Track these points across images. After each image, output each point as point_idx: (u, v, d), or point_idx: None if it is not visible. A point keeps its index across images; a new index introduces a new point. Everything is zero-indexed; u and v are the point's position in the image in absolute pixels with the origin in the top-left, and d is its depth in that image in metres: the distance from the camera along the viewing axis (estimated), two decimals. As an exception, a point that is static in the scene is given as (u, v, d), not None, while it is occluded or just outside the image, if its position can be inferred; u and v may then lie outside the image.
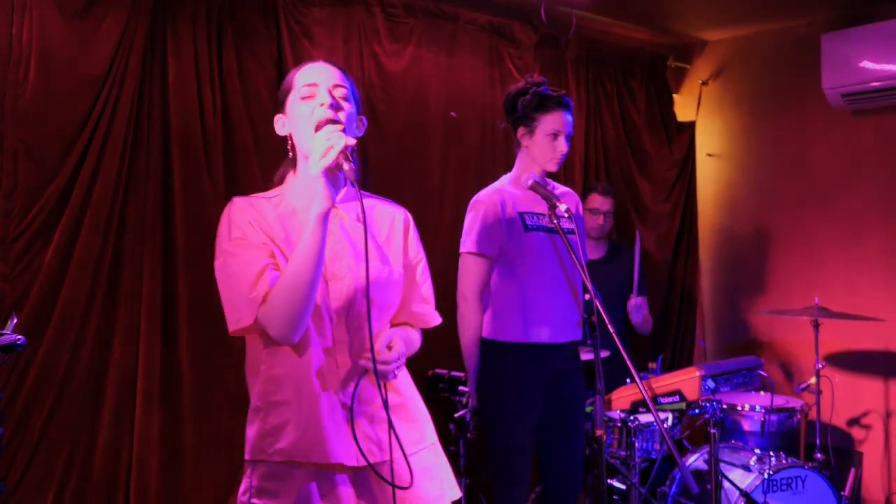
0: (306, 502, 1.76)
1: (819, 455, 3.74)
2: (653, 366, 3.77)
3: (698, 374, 3.27)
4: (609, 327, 2.43)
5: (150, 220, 3.24)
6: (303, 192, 1.85)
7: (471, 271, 2.93)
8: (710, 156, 5.13)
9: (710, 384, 3.29)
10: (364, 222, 1.80)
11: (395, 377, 1.84)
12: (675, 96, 5.19)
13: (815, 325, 3.84)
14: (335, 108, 1.80)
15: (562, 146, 2.94)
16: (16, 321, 2.07)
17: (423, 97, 4.03)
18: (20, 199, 2.96)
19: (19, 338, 2.04)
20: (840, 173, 4.53)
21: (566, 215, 2.84)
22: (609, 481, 3.60)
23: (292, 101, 1.86)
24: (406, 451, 1.83)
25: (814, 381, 3.81)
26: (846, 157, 4.52)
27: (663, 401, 3.29)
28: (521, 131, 2.97)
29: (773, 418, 3.77)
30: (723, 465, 3.49)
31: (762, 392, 3.97)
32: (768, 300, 4.78)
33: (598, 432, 2.58)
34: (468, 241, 2.94)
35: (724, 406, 3.66)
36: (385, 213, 1.97)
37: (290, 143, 1.90)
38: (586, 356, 3.19)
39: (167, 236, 3.27)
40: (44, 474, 3.01)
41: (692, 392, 3.25)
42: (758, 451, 3.63)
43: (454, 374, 3.71)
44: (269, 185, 1.99)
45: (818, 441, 3.78)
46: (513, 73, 4.28)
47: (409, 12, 3.97)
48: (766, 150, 4.87)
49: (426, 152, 4.06)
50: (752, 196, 4.94)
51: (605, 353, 3.40)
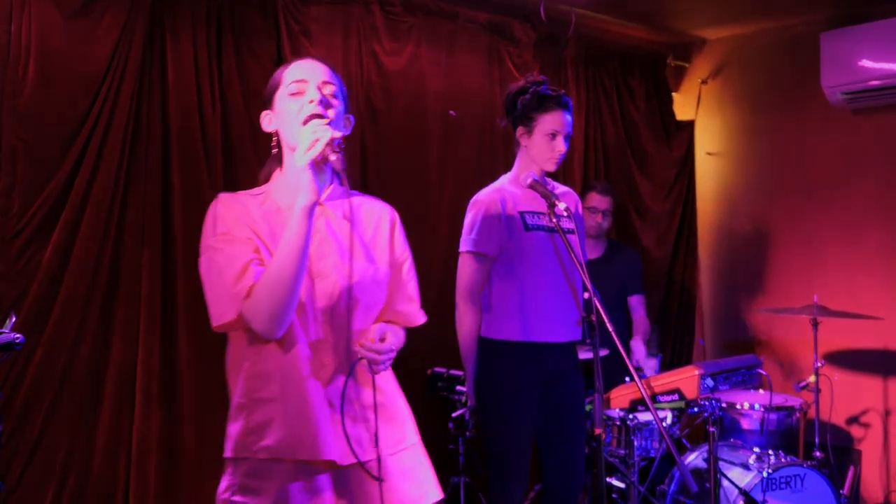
0: (287, 500, 1.76)
1: (818, 453, 3.73)
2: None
3: (697, 372, 3.27)
4: (608, 326, 2.43)
5: (150, 218, 3.23)
6: (289, 189, 1.83)
7: (470, 270, 2.93)
8: (709, 154, 5.12)
9: (709, 382, 3.29)
10: (350, 217, 1.82)
11: (386, 369, 1.84)
12: (674, 95, 5.19)
13: (814, 324, 3.84)
14: (324, 104, 1.80)
15: (560, 146, 2.93)
16: (14, 319, 2.07)
17: (422, 96, 4.03)
18: (19, 197, 2.96)
19: (18, 336, 2.04)
20: (839, 172, 4.53)
21: (565, 214, 2.83)
22: (608, 480, 3.60)
23: (280, 97, 1.86)
24: (388, 451, 1.84)
25: (813, 379, 3.80)
26: (845, 155, 4.51)
27: (662, 399, 3.29)
28: (520, 131, 2.96)
29: (772, 417, 3.77)
30: (722, 464, 3.49)
31: (761, 390, 3.97)
32: (767, 299, 4.78)
33: (597, 431, 2.57)
34: (468, 240, 2.93)
35: (723, 404, 3.66)
36: (371, 210, 1.96)
37: (276, 139, 1.89)
38: (585, 355, 3.19)
39: (166, 235, 3.27)
40: (43, 473, 3.01)
41: (691, 390, 3.25)
42: (757, 449, 3.62)
43: (453, 372, 3.71)
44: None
45: (817, 439, 3.78)
46: (512, 71, 4.27)
47: (408, 11, 3.97)
48: (766, 148, 4.87)
49: (425, 151, 4.06)
50: (752, 194, 4.94)
51: (604, 352, 3.41)
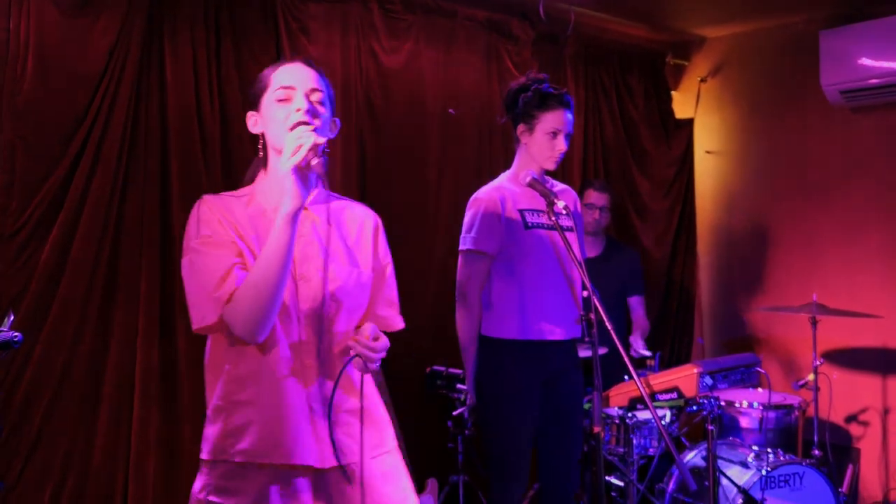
0: (266, 502, 1.76)
1: (817, 452, 3.74)
2: (651, 363, 3.77)
3: (696, 370, 3.27)
4: (607, 324, 2.43)
5: (148, 217, 3.23)
6: (273, 191, 1.83)
7: (470, 269, 2.92)
8: (708, 153, 5.12)
9: (708, 381, 3.29)
10: (333, 221, 1.84)
11: (377, 369, 1.84)
12: (673, 93, 5.18)
13: (813, 322, 3.84)
14: (311, 113, 1.79)
15: (561, 145, 2.92)
16: (13, 318, 2.07)
17: (420, 94, 4.03)
18: (17, 195, 2.95)
19: (16, 334, 2.03)
20: (839, 170, 4.53)
21: (564, 212, 2.83)
22: (607, 478, 3.60)
23: (267, 101, 1.84)
24: (370, 455, 1.86)
25: (812, 377, 3.80)
26: (845, 153, 4.51)
27: (661, 397, 3.29)
28: (520, 128, 2.95)
29: (771, 415, 3.77)
30: (721, 462, 3.49)
31: (760, 389, 3.97)
32: (766, 297, 4.78)
33: (596, 429, 2.57)
34: (467, 238, 2.93)
35: (722, 403, 3.66)
36: (355, 215, 1.97)
37: (261, 141, 1.89)
38: (584, 353, 3.19)
39: (165, 233, 3.26)
40: (42, 472, 3.01)
41: (690, 389, 3.25)
42: (755, 447, 3.63)
43: (452, 370, 3.70)
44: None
45: (816, 438, 3.78)
46: (511, 69, 4.27)
47: (406, 8, 3.96)
48: (765, 146, 4.86)
49: (424, 149, 4.06)
50: (751, 193, 4.93)
51: (603, 351, 3.41)
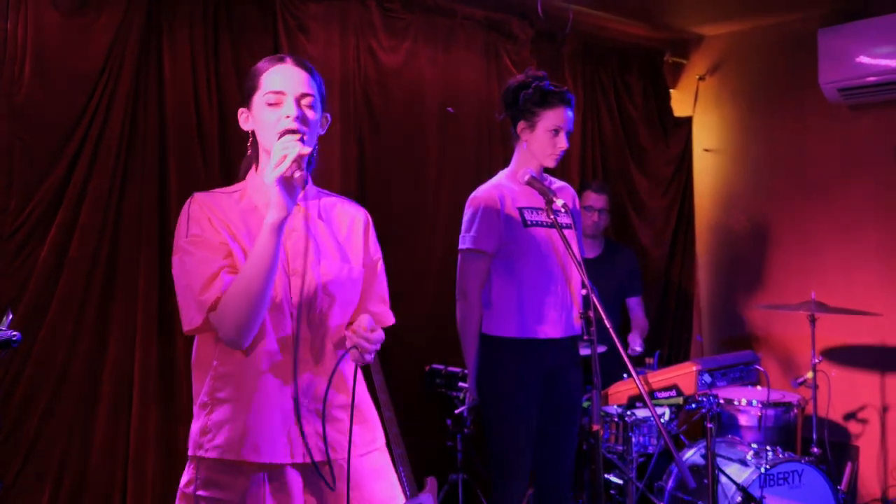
0: (255, 495, 1.77)
1: (816, 449, 3.74)
2: (650, 361, 3.78)
3: (695, 368, 3.27)
4: (606, 322, 2.43)
5: (147, 216, 3.23)
6: (264, 188, 1.83)
7: (470, 268, 2.93)
8: (706, 151, 5.12)
9: (707, 379, 3.29)
10: (319, 215, 1.86)
11: (372, 360, 1.84)
12: (671, 91, 5.18)
13: (812, 320, 3.84)
14: (301, 120, 1.79)
15: (562, 143, 2.92)
16: (11, 317, 2.07)
17: (419, 92, 4.03)
18: (16, 195, 2.95)
19: (15, 334, 2.03)
20: (837, 168, 4.53)
21: (563, 210, 2.83)
22: (606, 476, 3.60)
23: (258, 102, 1.84)
24: (360, 452, 1.87)
25: (810, 375, 3.81)
26: (843, 151, 4.51)
27: (660, 396, 3.29)
28: (521, 125, 2.95)
29: (770, 413, 3.78)
30: (719, 460, 3.50)
31: (759, 387, 3.98)
32: (765, 295, 4.79)
33: (595, 427, 2.57)
34: (467, 237, 2.93)
35: (721, 401, 3.66)
36: (345, 212, 1.98)
37: (251, 139, 1.89)
38: (583, 351, 3.19)
39: (163, 232, 3.26)
40: (40, 471, 3.00)
41: (689, 387, 3.25)
42: (754, 445, 3.63)
43: (451, 369, 3.70)
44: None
45: (815, 435, 3.79)
46: (510, 68, 4.27)
47: (405, 7, 3.96)
48: (763, 145, 4.87)
49: (423, 147, 4.06)
50: (749, 191, 4.94)
51: (602, 349, 3.41)
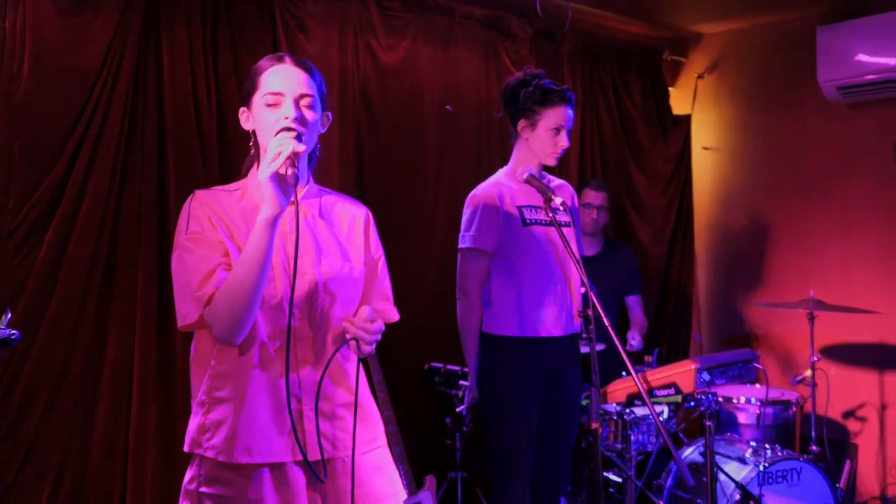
0: (258, 492, 1.77)
1: (814, 447, 3.74)
2: (648, 359, 3.78)
3: (694, 366, 3.27)
4: (605, 320, 2.43)
5: (146, 215, 3.23)
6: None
7: (470, 267, 2.93)
8: (705, 149, 5.13)
9: (706, 377, 3.29)
10: (320, 213, 1.87)
11: (372, 351, 1.84)
12: (670, 90, 5.18)
13: (811, 318, 3.85)
14: (300, 121, 1.79)
15: (563, 141, 2.92)
16: (10, 316, 2.07)
17: (418, 91, 4.03)
18: (14, 193, 2.95)
19: (14, 332, 2.04)
20: (835, 166, 4.54)
21: (561, 208, 2.83)
22: (605, 474, 3.60)
23: (257, 102, 1.85)
24: (363, 450, 1.87)
25: (809, 373, 3.81)
26: (841, 150, 4.52)
27: (659, 394, 3.30)
28: (521, 124, 2.95)
29: (769, 411, 3.78)
30: (718, 458, 3.50)
31: (758, 385, 3.98)
32: (764, 293, 4.79)
33: (594, 425, 2.58)
34: (466, 236, 2.93)
35: (720, 399, 3.66)
36: (346, 210, 1.98)
37: (253, 138, 1.90)
38: (583, 349, 3.19)
39: (162, 231, 3.25)
40: (40, 470, 3.00)
41: (688, 385, 3.25)
42: (753, 443, 3.64)
43: (450, 367, 3.70)
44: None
45: (813, 433, 3.79)
46: (508, 66, 4.27)
47: (404, 6, 3.96)
48: (762, 143, 4.87)
49: (422, 146, 4.06)
50: (748, 189, 4.94)
51: (600, 347, 3.42)
